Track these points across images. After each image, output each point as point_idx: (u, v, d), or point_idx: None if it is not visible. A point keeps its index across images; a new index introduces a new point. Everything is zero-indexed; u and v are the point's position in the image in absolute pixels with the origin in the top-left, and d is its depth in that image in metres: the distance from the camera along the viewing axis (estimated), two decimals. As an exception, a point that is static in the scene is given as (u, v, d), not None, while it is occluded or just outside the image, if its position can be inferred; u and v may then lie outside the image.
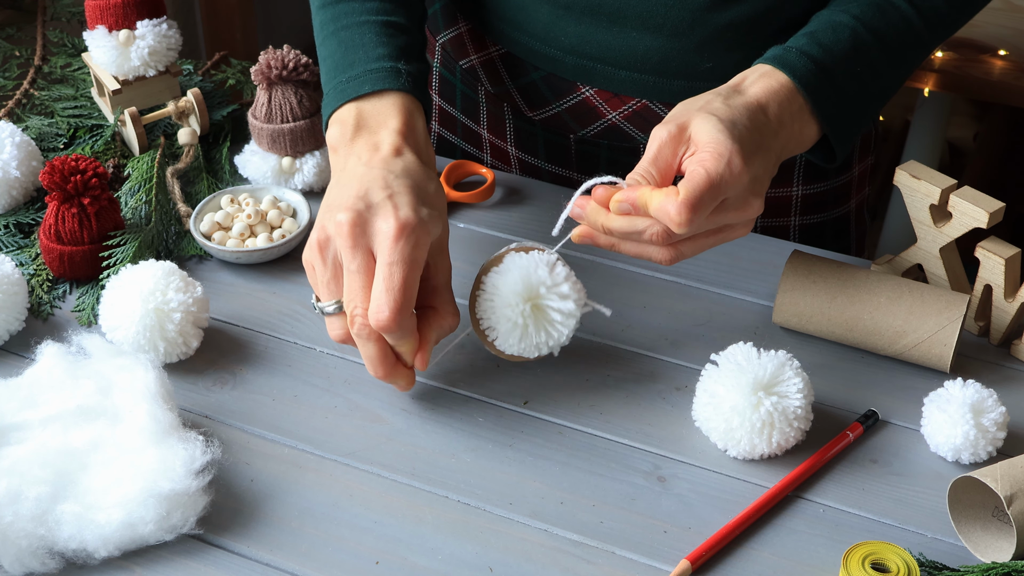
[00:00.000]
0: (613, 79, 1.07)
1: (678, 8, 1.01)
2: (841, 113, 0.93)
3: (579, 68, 1.08)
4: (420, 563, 0.80)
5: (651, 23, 1.02)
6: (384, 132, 0.91)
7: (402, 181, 0.87)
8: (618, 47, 1.05)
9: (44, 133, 1.17)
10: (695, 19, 1.01)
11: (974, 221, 0.95)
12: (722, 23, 1.01)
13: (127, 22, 1.12)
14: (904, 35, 0.95)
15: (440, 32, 1.21)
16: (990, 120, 2.69)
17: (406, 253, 0.83)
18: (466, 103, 1.22)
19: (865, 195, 1.23)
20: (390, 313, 0.82)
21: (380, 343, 0.86)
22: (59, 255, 1.00)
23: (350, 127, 0.92)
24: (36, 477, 0.79)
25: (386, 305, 0.82)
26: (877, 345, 0.95)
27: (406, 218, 0.84)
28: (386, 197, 0.85)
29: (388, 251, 0.83)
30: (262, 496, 0.84)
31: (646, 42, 1.04)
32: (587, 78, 1.09)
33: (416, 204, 0.85)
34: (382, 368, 0.86)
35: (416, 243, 0.84)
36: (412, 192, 0.86)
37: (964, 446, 0.87)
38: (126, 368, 0.87)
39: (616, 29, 1.04)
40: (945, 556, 0.82)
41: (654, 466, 0.88)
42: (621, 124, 1.11)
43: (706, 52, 1.03)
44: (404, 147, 0.90)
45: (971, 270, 0.98)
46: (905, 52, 0.96)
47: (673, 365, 0.96)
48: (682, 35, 1.02)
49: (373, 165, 0.88)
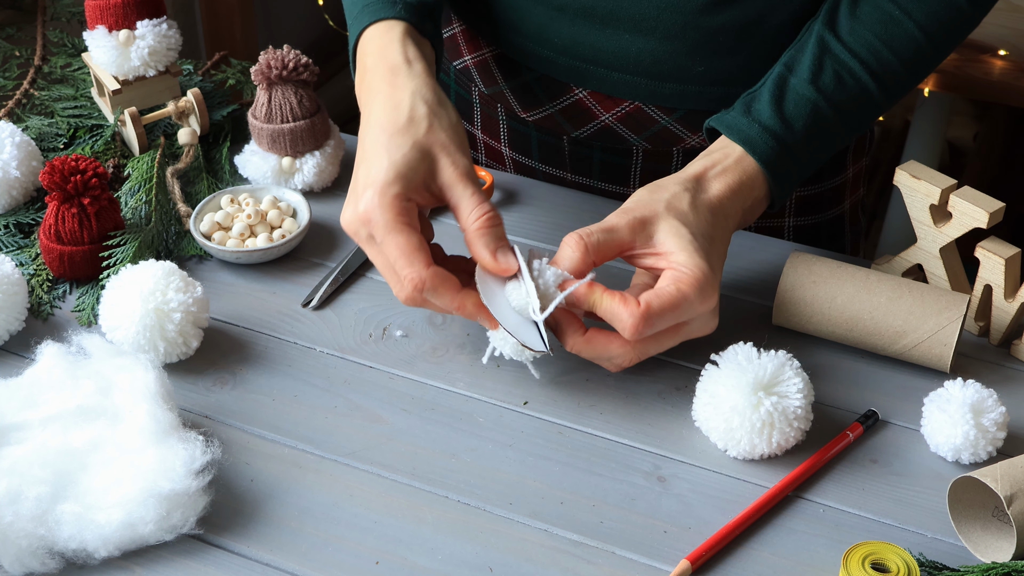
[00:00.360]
0: (606, 81, 1.07)
1: (670, 11, 1.01)
2: (793, 184, 0.98)
3: (572, 69, 1.08)
4: (420, 563, 0.80)
5: (644, 26, 1.03)
6: (367, 72, 0.94)
7: (371, 135, 0.88)
8: (611, 49, 1.05)
9: (44, 133, 1.17)
10: (687, 22, 1.01)
11: (974, 221, 0.95)
12: (714, 27, 1.02)
13: (127, 22, 1.12)
14: (863, 105, 0.98)
15: None
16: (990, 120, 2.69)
17: (384, 226, 0.85)
18: (460, 103, 1.23)
19: (860, 196, 1.24)
20: (405, 293, 0.86)
21: (431, 302, 0.87)
22: (59, 255, 1.00)
23: (356, 68, 0.96)
24: (36, 477, 0.79)
25: (399, 284, 0.86)
26: (877, 345, 0.95)
27: (363, 206, 0.86)
28: (354, 184, 0.88)
29: (376, 235, 0.86)
30: (262, 496, 0.84)
31: (639, 44, 1.04)
32: (580, 80, 1.09)
33: (376, 169, 0.86)
34: (463, 313, 0.88)
35: (386, 207, 0.85)
36: (379, 148, 0.87)
37: (964, 446, 0.87)
38: (126, 368, 0.87)
39: (609, 31, 1.04)
40: (945, 556, 0.82)
41: (654, 466, 0.88)
42: (614, 125, 1.11)
43: (698, 56, 1.03)
44: (377, 69, 0.93)
45: (971, 270, 0.98)
46: (861, 119, 1.00)
47: (673, 365, 0.96)
48: (674, 38, 1.03)
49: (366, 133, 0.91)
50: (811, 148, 0.97)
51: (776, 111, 0.95)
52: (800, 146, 0.96)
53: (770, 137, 0.94)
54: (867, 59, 0.96)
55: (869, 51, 0.96)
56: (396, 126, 0.88)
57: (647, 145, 1.12)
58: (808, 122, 0.96)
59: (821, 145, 0.98)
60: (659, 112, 1.08)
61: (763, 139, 0.94)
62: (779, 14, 1.02)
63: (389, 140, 0.87)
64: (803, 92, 0.96)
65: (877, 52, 0.96)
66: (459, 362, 0.96)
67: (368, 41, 0.95)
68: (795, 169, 0.96)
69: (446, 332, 0.98)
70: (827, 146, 0.98)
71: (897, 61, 0.97)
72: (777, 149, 0.95)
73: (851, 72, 0.96)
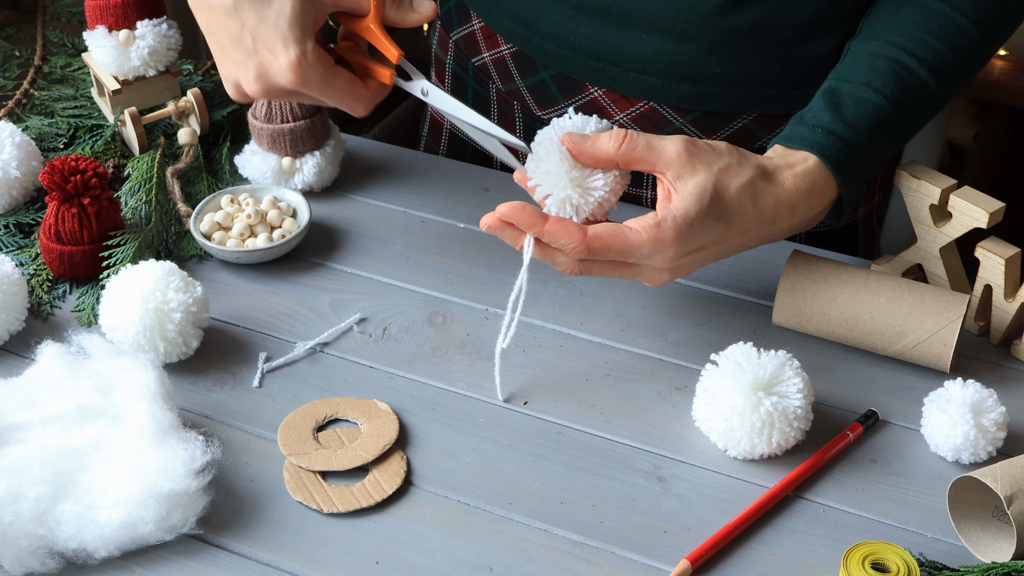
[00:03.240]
0: (621, 80, 1.08)
1: (687, 12, 1.01)
2: (861, 186, 0.95)
3: (588, 68, 1.08)
4: (420, 563, 0.80)
5: (660, 26, 1.03)
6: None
7: None
8: (627, 49, 1.05)
9: (44, 133, 1.17)
10: (704, 23, 1.01)
11: (974, 221, 0.95)
12: (731, 28, 1.01)
13: (127, 22, 1.12)
14: (923, 100, 0.96)
15: (453, 29, 1.22)
16: (990, 120, 2.68)
17: (320, 84, 0.92)
18: (477, 101, 1.23)
19: (875, 204, 1.23)
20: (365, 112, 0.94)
21: None
22: (59, 255, 1.00)
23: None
24: (36, 477, 0.79)
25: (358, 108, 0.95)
26: (877, 345, 0.95)
27: (288, 75, 0.90)
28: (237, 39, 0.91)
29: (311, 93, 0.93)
30: (262, 496, 0.84)
31: (655, 45, 1.04)
32: (596, 79, 1.09)
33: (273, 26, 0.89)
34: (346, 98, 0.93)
35: (315, 64, 0.90)
36: None
37: (964, 446, 0.87)
38: (126, 368, 0.87)
39: (626, 31, 1.04)
40: (945, 556, 0.82)
41: (654, 466, 0.88)
42: (629, 126, 1.11)
43: (715, 57, 1.03)
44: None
45: (971, 270, 0.98)
46: (923, 115, 0.97)
47: (673, 365, 0.96)
48: (691, 39, 1.03)
49: None
50: (878, 147, 0.94)
51: (836, 116, 0.93)
52: (867, 145, 0.93)
53: (837, 140, 0.92)
54: (922, 55, 0.95)
55: (922, 47, 0.95)
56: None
57: None
58: (872, 122, 0.93)
59: (887, 143, 0.95)
60: (674, 113, 1.09)
61: (832, 143, 0.92)
62: (797, 15, 1.02)
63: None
64: (861, 95, 0.94)
65: (930, 47, 0.95)
66: (459, 362, 0.96)
67: None
68: (863, 169, 0.93)
69: (446, 332, 0.98)
70: (892, 143, 0.96)
71: (952, 53, 0.96)
72: (845, 150, 0.92)
73: (908, 68, 0.95)
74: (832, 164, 0.91)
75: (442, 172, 1.16)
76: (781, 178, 0.90)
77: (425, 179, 1.15)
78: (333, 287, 1.03)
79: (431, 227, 1.09)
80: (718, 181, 0.87)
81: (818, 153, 0.91)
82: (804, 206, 0.91)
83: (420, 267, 1.05)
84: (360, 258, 1.06)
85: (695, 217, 0.86)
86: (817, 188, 0.91)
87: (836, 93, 0.94)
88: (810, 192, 0.91)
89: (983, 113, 2.71)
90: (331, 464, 0.86)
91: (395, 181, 1.15)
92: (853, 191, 0.94)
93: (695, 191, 0.86)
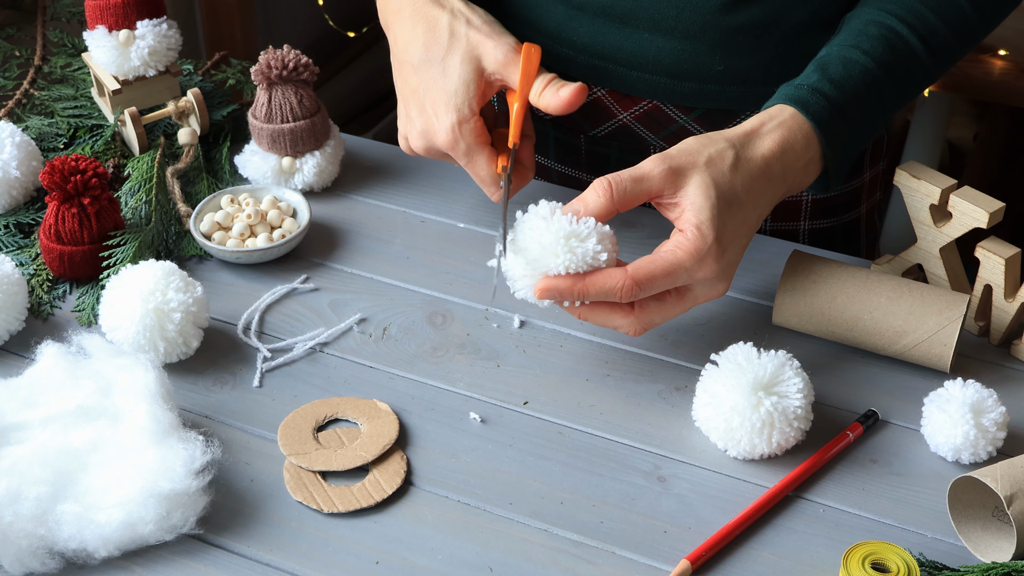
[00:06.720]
0: (625, 79, 1.08)
1: (689, 10, 1.01)
2: (847, 152, 0.95)
3: (591, 68, 1.09)
4: (420, 563, 0.80)
5: (663, 25, 1.03)
6: None
7: (416, 55, 0.99)
8: (630, 48, 1.05)
9: (44, 133, 1.17)
10: (706, 22, 1.02)
11: (974, 221, 0.95)
12: (733, 26, 1.02)
13: (127, 22, 1.12)
14: (911, 66, 0.97)
15: None
16: (990, 120, 2.68)
17: (465, 153, 0.99)
18: None
19: (876, 200, 1.23)
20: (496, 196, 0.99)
21: None
22: (59, 255, 1.00)
23: None
24: (36, 477, 0.79)
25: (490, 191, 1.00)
26: (877, 345, 0.95)
27: (442, 137, 0.98)
28: (418, 106, 0.99)
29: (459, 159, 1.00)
30: (262, 496, 0.84)
31: (658, 44, 1.04)
32: (599, 78, 1.09)
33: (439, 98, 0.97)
34: None
35: (467, 134, 0.97)
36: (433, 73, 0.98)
37: (964, 446, 0.87)
38: (126, 368, 0.87)
39: (628, 30, 1.04)
40: (945, 556, 0.82)
41: (654, 466, 0.88)
42: (632, 124, 1.11)
43: (717, 55, 1.04)
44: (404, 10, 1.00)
45: (971, 270, 0.98)
46: (911, 82, 0.98)
47: (673, 365, 0.96)
48: (694, 37, 1.03)
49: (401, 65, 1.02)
50: (863, 109, 0.95)
51: (823, 76, 0.94)
52: (852, 105, 0.94)
53: (820, 96, 0.93)
54: (913, 22, 0.96)
55: (914, 15, 0.96)
56: (440, 46, 0.97)
57: (664, 145, 1.12)
58: (858, 83, 0.94)
59: (874, 110, 0.96)
60: (677, 111, 1.09)
61: (814, 98, 0.93)
62: (798, 13, 1.02)
63: (443, 63, 0.97)
64: (848, 55, 0.94)
65: (922, 16, 0.96)
66: (459, 362, 0.96)
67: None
68: (847, 130, 0.94)
69: (446, 332, 0.98)
70: (879, 109, 0.96)
71: (943, 26, 0.96)
72: (828, 107, 0.92)
73: (897, 34, 0.95)
74: (810, 115, 0.92)
75: (442, 172, 1.16)
76: (758, 137, 0.91)
77: (425, 179, 1.15)
78: (333, 287, 1.03)
79: (431, 227, 1.09)
80: (711, 175, 0.87)
81: (793, 104, 0.92)
82: (790, 156, 0.91)
83: (420, 267, 1.05)
84: (360, 258, 1.06)
85: (714, 214, 0.86)
86: (796, 139, 0.91)
87: (824, 57, 0.96)
88: (789, 142, 0.91)
89: (983, 113, 2.71)
90: (331, 464, 0.86)
91: (395, 181, 1.15)
92: (838, 156, 0.94)
93: (700, 192, 0.87)
